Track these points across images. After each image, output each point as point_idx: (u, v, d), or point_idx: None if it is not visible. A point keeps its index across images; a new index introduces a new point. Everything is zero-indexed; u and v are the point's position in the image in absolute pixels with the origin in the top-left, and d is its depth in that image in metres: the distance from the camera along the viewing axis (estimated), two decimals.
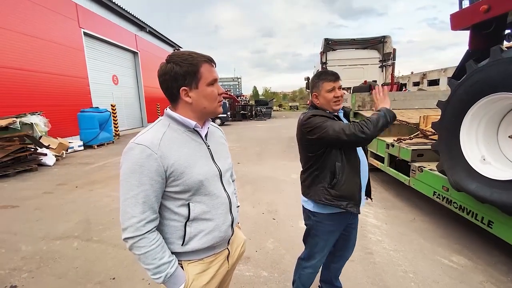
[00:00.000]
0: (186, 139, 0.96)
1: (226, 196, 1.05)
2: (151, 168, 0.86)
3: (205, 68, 0.93)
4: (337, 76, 1.49)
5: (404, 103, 5.47)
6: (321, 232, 1.55)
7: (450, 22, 2.58)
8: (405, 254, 2.50)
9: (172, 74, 0.90)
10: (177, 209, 0.95)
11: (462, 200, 2.52)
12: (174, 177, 0.90)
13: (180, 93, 0.92)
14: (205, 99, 0.95)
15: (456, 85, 2.30)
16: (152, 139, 0.89)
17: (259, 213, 3.47)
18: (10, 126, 6.46)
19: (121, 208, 0.88)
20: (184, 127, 0.97)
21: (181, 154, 0.92)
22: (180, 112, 0.97)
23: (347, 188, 1.43)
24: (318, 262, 1.62)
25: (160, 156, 0.87)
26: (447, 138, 2.43)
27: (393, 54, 7.87)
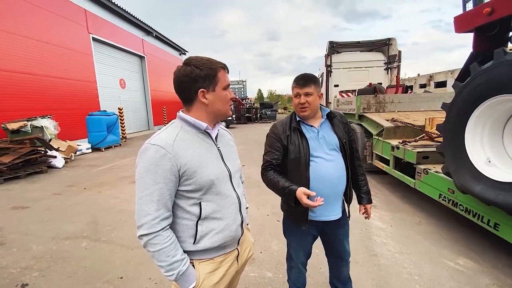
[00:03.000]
0: (198, 140, 1.01)
1: (236, 196, 1.08)
2: (166, 167, 0.90)
3: (222, 73, 1.01)
4: (306, 82, 1.41)
5: (410, 105, 5.46)
6: (288, 234, 1.64)
7: (454, 25, 2.59)
8: (410, 256, 2.49)
9: (192, 76, 0.96)
10: (189, 208, 0.98)
11: (468, 203, 2.51)
12: (186, 176, 0.94)
13: (198, 94, 0.98)
14: (220, 102, 1.02)
15: (461, 87, 2.30)
16: (166, 139, 0.93)
17: (263, 215, 3.50)
18: (22, 129, 6.65)
19: (137, 206, 0.92)
20: (196, 129, 1.02)
21: (193, 154, 0.96)
22: (193, 114, 1.02)
23: (292, 206, 1.43)
24: (297, 262, 1.60)
25: (174, 156, 0.91)
26: (452, 140, 2.43)
27: (398, 56, 7.84)
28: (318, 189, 1.36)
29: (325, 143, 1.45)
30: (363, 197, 1.64)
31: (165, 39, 18.68)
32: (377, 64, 8.26)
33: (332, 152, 1.45)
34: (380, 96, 5.55)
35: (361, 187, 1.64)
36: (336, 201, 1.48)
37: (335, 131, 1.49)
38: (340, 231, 1.58)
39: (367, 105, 5.48)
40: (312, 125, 1.47)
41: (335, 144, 1.46)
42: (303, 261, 1.63)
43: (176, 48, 21.26)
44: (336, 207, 1.49)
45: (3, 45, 7.68)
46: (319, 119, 1.50)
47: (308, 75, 1.45)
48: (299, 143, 1.42)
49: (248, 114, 22.67)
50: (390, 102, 5.48)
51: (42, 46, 8.93)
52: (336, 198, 1.48)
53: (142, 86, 16.26)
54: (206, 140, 1.04)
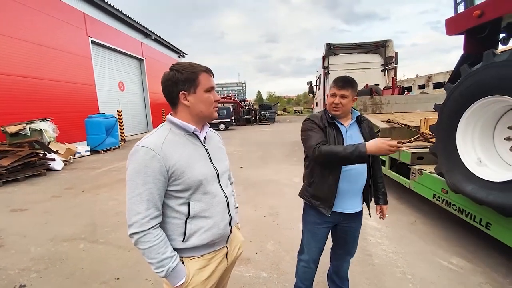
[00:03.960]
0: (186, 142, 1.05)
1: (223, 195, 1.12)
2: (155, 168, 0.94)
3: (203, 76, 1.04)
4: (344, 84, 1.49)
5: (406, 106, 5.50)
6: (305, 222, 1.71)
7: (445, 27, 2.63)
8: (404, 256, 2.52)
9: (174, 80, 1.01)
10: (178, 207, 1.02)
11: (461, 202, 2.54)
12: (175, 177, 0.98)
13: (179, 96, 1.03)
14: (202, 104, 1.05)
15: (452, 89, 2.34)
16: (155, 142, 0.98)
17: (260, 216, 3.52)
18: (20, 132, 6.68)
19: (127, 205, 0.96)
20: (184, 131, 1.06)
21: (182, 156, 1.00)
22: (180, 117, 1.06)
23: (320, 190, 1.56)
24: (308, 256, 1.68)
25: (162, 157, 0.95)
26: (444, 141, 2.47)
27: (395, 57, 7.89)
28: (345, 180, 1.51)
29: (351, 141, 1.54)
30: (380, 198, 1.76)
31: (164, 41, 18.77)
32: (374, 66, 8.30)
33: None
34: (376, 97, 5.60)
35: (379, 188, 1.76)
36: (356, 195, 1.59)
37: (362, 133, 1.59)
38: (355, 225, 1.68)
39: (364, 106, 5.51)
40: (342, 124, 1.58)
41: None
42: (314, 257, 1.69)
43: (175, 50, 21.35)
44: (356, 201, 1.60)
45: (2, 48, 7.72)
46: (349, 120, 1.61)
47: (348, 78, 1.55)
48: (334, 136, 1.53)
49: (247, 116, 22.74)
50: (386, 103, 5.53)
51: (41, 50, 8.98)
52: (356, 193, 1.59)
53: (141, 89, 16.32)
54: (194, 142, 1.08)
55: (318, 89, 9.67)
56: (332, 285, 1.90)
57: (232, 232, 1.20)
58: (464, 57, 2.57)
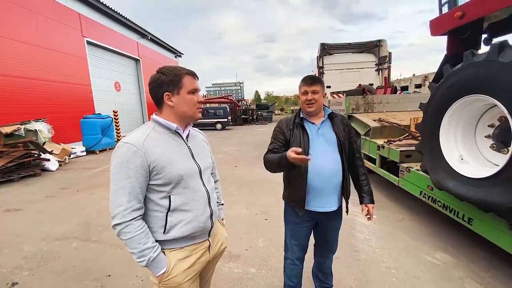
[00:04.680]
0: (168, 140, 1.12)
1: (205, 191, 1.18)
2: (137, 163, 1.00)
3: (187, 79, 1.11)
4: (313, 81, 1.56)
5: (398, 106, 5.57)
6: (286, 222, 1.76)
7: (429, 28, 2.70)
8: (390, 251, 2.58)
9: (159, 82, 1.09)
10: (160, 201, 1.07)
11: (445, 199, 2.61)
12: (156, 171, 1.04)
13: (164, 97, 1.10)
14: (185, 104, 1.12)
15: (435, 88, 2.41)
16: (138, 138, 1.04)
17: (252, 214, 3.57)
18: (15, 133, 6.67)
19: (111, 198, 1.02)
20: (167, 129, 1.13)
21: (163, 152, 1.06)
22: (164, 116, 1.13)
23: (292, 192, 1.63)
24: (293, 254, 1.72)
25: (144, 152, 1.01)
26: (428, 139, 2.53)
27: (388, 57, 7.98)
28: (315, 180, 1.54)
29: (324, 139, 1.58)
30: (364, 197, 1.70)
31: (160, 41, 18.75)
32: (368, 65, 8.39)
33: (329, 148, 1.57)
34: (369, 97, 5.66)
35: (362, 186, 1.71)
36: (331, 193, 1.58)
37: (334, 130, 1.61)
38: (333, 223, 1.69)
39: (356, 106, 5.58)
40: (313, 123, 1.61)
41: (333, 141, 1.58)
42: (297, 254, 1.72)
43: (172, 50, 21.33)
44: (331, 199, 1.59)
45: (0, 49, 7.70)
46: (321, 117, 1.63)
47: (315, 76, 1.64)
48: (300, 137, 1.56)
49: (244, 116, 22.76)
50: (378, 102, 5.60)
51: (36, 50, 8.96)
52: (331, 191, 1.57)
53: (137, 89, 16.30)
54: (176, 139, 1.15)
55: None
56: (316, 281, 1.94)
57: (214, 226, 1.25)
58: (447, 57, 2.63)
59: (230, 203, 4.06)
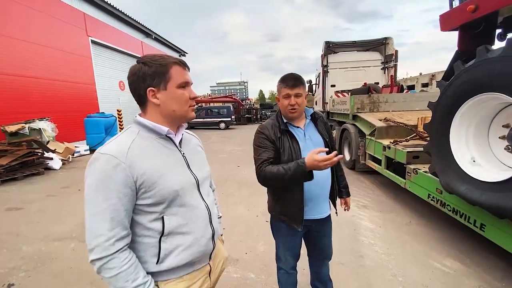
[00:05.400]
0: (158, 147, 0.91)
1: (204, 207, 0.98)
2: (119, 179, 0.79)
3: (176, 70, 0.90)
4: (296, 82, 1.39)
5: (404, 105, 5.43)
6: (277, 235, 1.63)
7: (439, 23, 2.57)
8: (396, 257, 2.47)
9: (140, 74, 0.87)
10: (151, 224, 0.86)
11: (455, 203, 2.48)
12: (145, 188, 0.83)
13: (147, 94, 0.88)
14: (174, 102, 0.90)
15: (445, 86, 2.28)
16: (120, 147, 0.83)
17: (253, 216, 3.49)
18: (20, 132, 6.71)
19: (87, 225, 0.80)
20: (156, 134, 0.92)
21: (153, 163, 0.86)
22: (150, 118, 0.92)
23: (287, 206, 1.47)
24: (286, 264, 1.61)
25: (128, 165, 0.80)
26: (437, 140, 2.41)
27: (395, 55, 7.78)
28: (310, 189, 1.43)
29: (312, 143, 1.46)
30: (342, 191, 1.70)
31: (164, 41, 18.77)
32: (373, 64, 8.21)
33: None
34: (374, 96, 5.53)
35: (340, 182, 1.70)
36: (325, 200, 1.53)
37: (319, 131, 1.51)
38: (326, 228, 1.61)
39: (361, 105, 5.45)
40: (298, 126, 1.49)
41: (320, 144, 1.48)
42: (291, 263, 1.63)
43: (176, 49, 21.35)
44: (325, 205, 1.54)
45: (2, 48, 7.76)
46: (304, 119, 1.51)
47: (296, 75, 1.43)
48: (289, 145, 1.42)
49: (248, 115, 22.71)
50: (384, 101, 5.46)
51: (41, 50, 9.01)
52: (325, 197, 1.52)
53: None
54: (168, 146, 0.94)
55: (317, 88, 9.60)
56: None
57: (215, 247, 1.05)
58: (458, 53, 2.50)
59: (231, 204, 3.98)
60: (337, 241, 2.68)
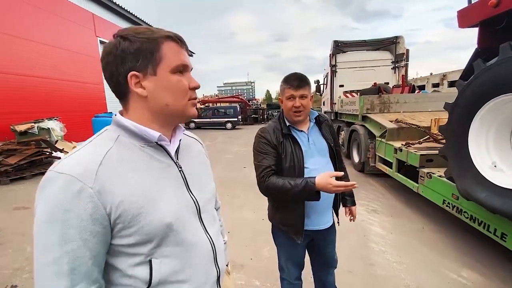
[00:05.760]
0: (145, 160, 0.64)
1: (208, 242, 0.72)
2: (83, 212, 0.53)
3: (170, 47, 0.64)
4: (300, 83, 1.31)
5: (416, 106, 5.26)
6: (278, 245, 1.54)
7: (457, 20, 2.43)
8: (409, 266, 2.34)
9: (118, 52, 0.61)
10: (132, 270, 0.61)
11: (473, 210, 2.34)
12: (124, 224, 0.57)
13: (128, 81, 0.62)
14: (167, 92, 0.64)
15: (463, 86, 2.15)
16: (86, 163, 0.56)
17: (258, 219, 3.40)
18: (29, 131, 6.79)
19: (35, 278, 0.54)
20: (142, 141, 0.65)
21: (136, 185, 0.60)
22: (134, 117, 0.66)
23: (287, 215, 1.39)
24: (290, 275, 1.53)
25: (98, 190, 0.54)
26: (455, 143, 2.28)
27: (406, 55, 7.58)
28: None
29: (315, 149, 1.38)
30: (347, 199, 1.60)
31: None
32: (384, 63, 8.02)
33: (323, 158, 1.40)
34: (385, 96, 5.37)
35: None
36: (327, 209, 1.45)
37: (323, 135, 1.43)
38: (329, 237, 1.54)
39: (371, 106, 5.31)
40: (301, 130, 1.40)
41: (324, 149, 1.41)
42: (294, 274, 1.54)
43: None
44: (328, 214, 1.46)
45: (11, 49, 7.89)
46: (307, 123, 1.42)
47: (301, 75, 1.34)
48: (292, 150, 1.33)
49: (255, 115, 22.63)
50: (395, 102, 5.30)
51: (50, 50, 9.14)
52: (328, 206, 1.44)
53: None
54: (159, 158, 0.67)
55: (325, 88, 9.45)
56: None
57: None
58: (478, 51, 2.36)
59: (236, 206, 3.91)
60: (346, 248, 2.59)
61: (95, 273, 0.57)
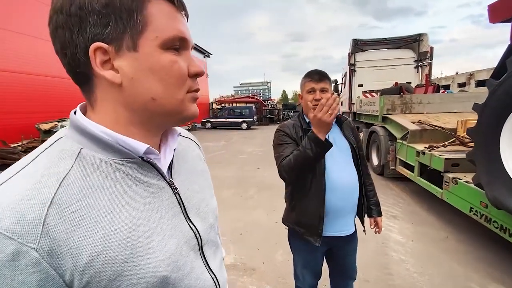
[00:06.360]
0: (124, 186, 0.42)
1: (211, 282, 0.54)
2: (25, 283, 0.32)
3: (160, 8, 0.40)
4: (321, 77, 1.30)
5: (441, 106, 4.98)
6: (294, 250, 1.48)
7: (488, 14, 2.25)
8: (432, 278, 2.20)
9: (73, 10, 0.37)
10: None
11: (504, 220, 2.16)
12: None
13: (90, 58, 0.38)
14: (154, 79, 0.41)
15: (495, 86, 1.98)
16: (24, 203, 0.34)
17: (272, 221, 3.35)
18: (53, 130, 7.15)
19: None
20: (118, 156, 0.42)
21: (113, 229, 0.39)
22: (103, 117, 0.43)
23: (304, 215, 1.32)
24: (304, 282, 1.46)
25: (48, 251, 0.33)
26: (484, 147, 2.11)
27: (430, 53, 7.20)
28: (332, 199, 1.29)
29: (336, 147, 1.32)
30: (372, 209, 1.51)
31: None
32: (406, 62, 7.68)
33: (344, 158, 1.35)
34: (407, 96, 5.13)
35: (370, 198, 1.51)
36: (350, 213, 1.37)
37: (345, 135, 1.38)
38: (351, 247, 1.46)
39: (392, 106, 5.09)
40: None
41: (346, 149, 1.36)
42: (310, 283, 1.48)
43: (200, 50, 21.78)
44: (350, 220, 1.38)
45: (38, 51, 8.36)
46: None
47: (322, 71, 1.35)
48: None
49: (270, 115, 22.55)
50: (417, 102, 5.05)
51: None
52: (350, 210, 1.36)
53: None
54: (146, 179, 0.45)
55: (343, 88, 9.21)
56: None
57: None
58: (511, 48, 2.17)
59: (249, 207, 3.88)
60: (363, 255, 2.46)
61: None
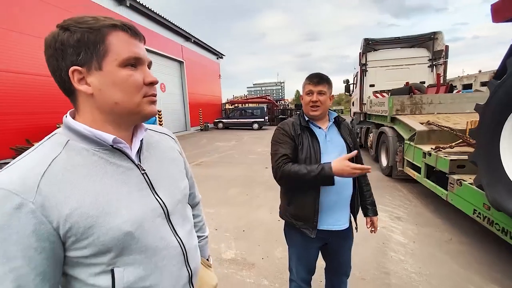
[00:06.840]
0: (99, 166, 0.59)
1: (177, 244, 0.69)
2: (24, 229, 0.49)
3: (117, 37, 0.58)
4: (320, 80, 1.38)
5: (452, 107, 4.87)
6: (290, 244, 1.55)
7: (491, 14, 2.21)
8: (430, 278, 2.19)
9: (57, 46, 0.56)
10: (94, 280, 0.58)
11: (505, 222, 2.13)
12: (77, 236, 0.54)
13: (71, 78, 0.57)
14: (116, 89, 0.58)
15: (496, 86, 1.96)
16: (26, 174, 0.51)
17: (274, 220, 3.41)
18: None
19: None
20: (95, 145, 0.60)
21: (87, 194, 0.56)
22: (85, 118, 0.62)
23: (301, 208, 1.39)
24: (298, 276, 1.52)
25: (41, 205, 0.50)
26: (485, 148, 2.09)
27: (445, 51, 6.99)
28: (327, 193, 1.36)
29: (332, 146, 1.41)
30: (368, 209, 1.57)
31: (203, 44, 19.56)
32: (419, 61, 7.49)
33: (339, 155, 1.39)
34: (416, 97, 5.04)
35: (366, 198, 1.58)
36: (342, 209, 1.43)
37: (342, 135, 1.46)
38: (345, 243, 1.52)
39: (401, 106, 5.02)
40: (320, 127, 1.45)
41: (341, 148, 1.43)
42: (304, 277, 1.54)
43: (214, 52, 22.11)
44: (343, 215, 1.44)
45: None
46: (327, 122, 1.48)
47: (322, 74, 1.42)
48: (309, 143, 1.39)
49: (282, 116, 22.52)
50: (428, 103, 4.95)
51: None
52: (343, 206, 1.43)
53: (180, 90, 17.24)
54: (116, 162, 0.62)
55: (355, 88, 9.10)
56: None
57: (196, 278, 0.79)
58: None
59: (254, 206, 3.96)
60: (361, 253, 2.50)
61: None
